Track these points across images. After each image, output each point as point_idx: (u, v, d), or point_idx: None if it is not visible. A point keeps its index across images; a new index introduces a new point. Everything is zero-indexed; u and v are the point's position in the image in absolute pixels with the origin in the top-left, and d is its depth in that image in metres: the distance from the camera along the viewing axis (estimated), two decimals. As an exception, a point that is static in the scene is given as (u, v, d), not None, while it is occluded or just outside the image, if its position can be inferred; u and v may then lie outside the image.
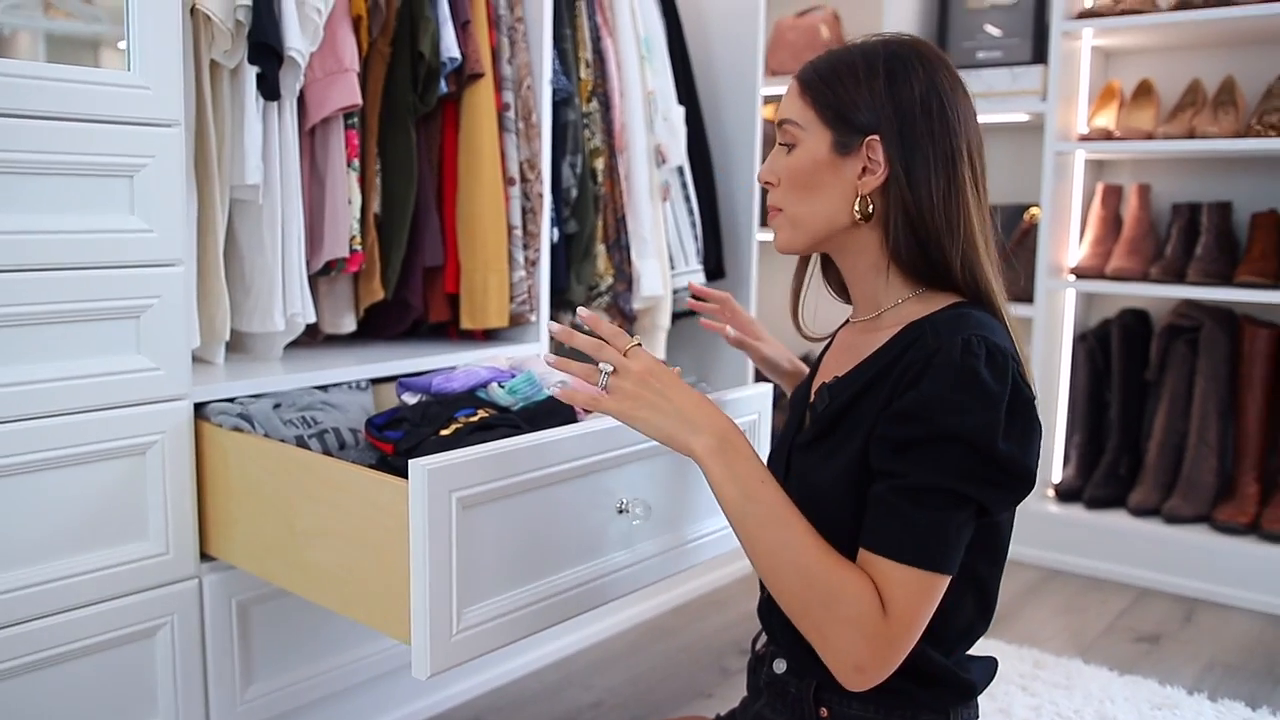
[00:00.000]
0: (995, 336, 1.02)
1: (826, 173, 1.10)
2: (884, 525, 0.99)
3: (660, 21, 2.41)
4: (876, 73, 1.09)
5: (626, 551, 1.39)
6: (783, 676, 1.19)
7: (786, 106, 1.13)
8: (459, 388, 1.53)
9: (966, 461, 0.97)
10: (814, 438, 1.12)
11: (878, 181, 1.08)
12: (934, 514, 0.98)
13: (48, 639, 1.40)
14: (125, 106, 1.41)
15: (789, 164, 1.12)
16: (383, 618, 1.29)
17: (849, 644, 0.97)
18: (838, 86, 1.09)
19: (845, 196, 1.10)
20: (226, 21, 1.57)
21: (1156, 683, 2.14)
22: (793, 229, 1.14)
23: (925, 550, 0.97)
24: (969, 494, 0.98)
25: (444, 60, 1.85)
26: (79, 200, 1.38)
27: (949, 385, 0.98)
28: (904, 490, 0.98)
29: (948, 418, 0.97)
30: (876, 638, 0.97)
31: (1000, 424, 0.97)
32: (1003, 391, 0.98)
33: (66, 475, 1.40)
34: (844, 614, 0.97)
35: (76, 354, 1.40)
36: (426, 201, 1.94)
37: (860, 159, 1.09)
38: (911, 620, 0.98)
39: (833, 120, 1.09)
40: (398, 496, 1.22)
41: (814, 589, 0.98)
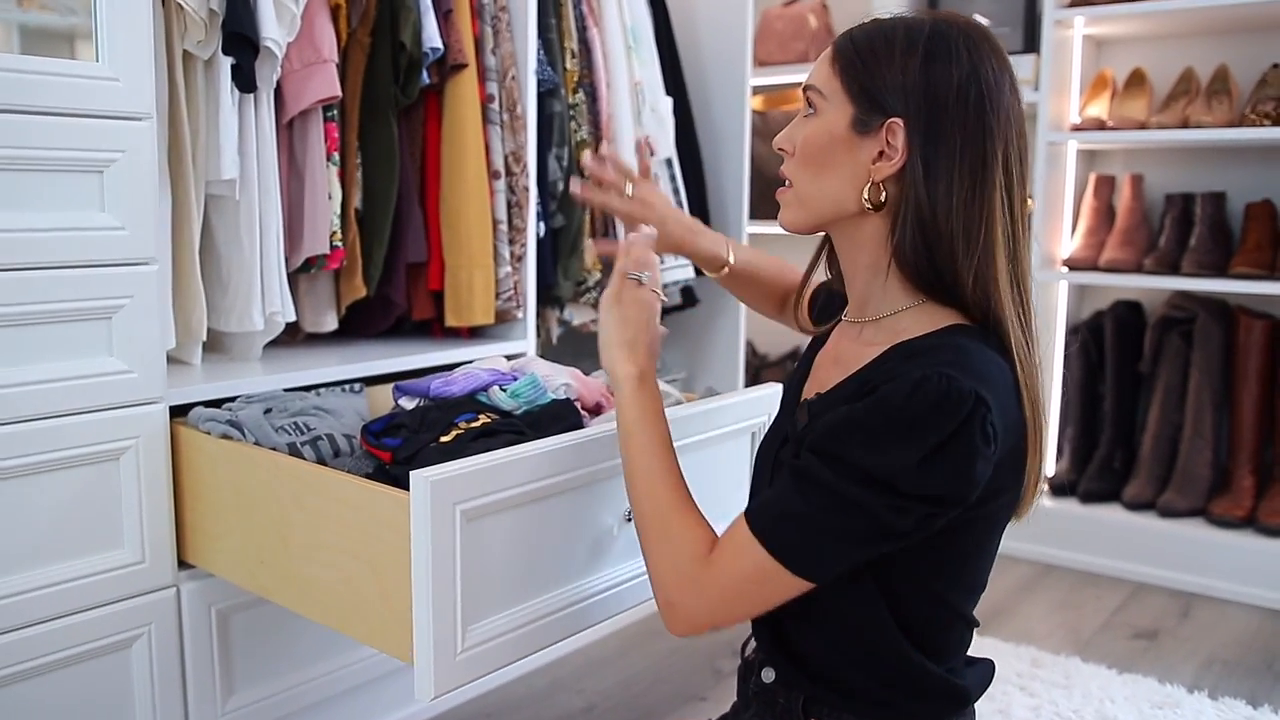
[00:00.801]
0: (966, 377, 0.92)
1: (841, 150, 1.03)
2: (758, 483, 1.10)
3: (647, 11, 2.37)
4: (915, 50, 0.99)
5: (635, 561, 1.34)
6: (771, 686, 1.15)
7: (815, 71, 1.07)
8: (459, 391, 1.48)
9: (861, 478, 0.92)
10: (791, 457, 1.06)
11: (893, 169, 1.00)
12: (805, 502, 0.94)
13: (20, 652, 1.35)
14: (94, 99, 1.36)
15: (807, 135, 1.05)
16: (383, 636, 1.24)
17: (664, 576, 1.03)
18: (870, 59, 1.01)
19: (857, 179, 1.02)
20: (200, 10, 1.52)
21: (1156, 681, 2.11)
22: (799, 206, 1.08)
23: (773, 526, 0.97)
24: (857, 501, 0.92)
25: (426, 50, 1.80)
26: (46, 197, 1.33)
27: (873, 418, 0.93)
28: (794, 469, 0.97)
29: (853, 447, 0.93)
30: (687, 578, 1.01)
31: (909, 467, 0.90)
32: (930, 436, 0.90)
33: (37, 482, 1.35)
34: (669, 548, 1.03)
35: (46, 357, 1.35)
36: (409, 196, 1.89)
37: (879, 141, 1.01)
38: (736, 583, 0.98)
39: (857, 95, 1.01)
40: (398, 509, 1.17)
41: (658, 519, 1.05)
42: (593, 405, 1.56)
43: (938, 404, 0.91)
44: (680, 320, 2.61)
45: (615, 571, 1.32)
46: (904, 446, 0.91)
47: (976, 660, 1.16)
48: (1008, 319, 1.01)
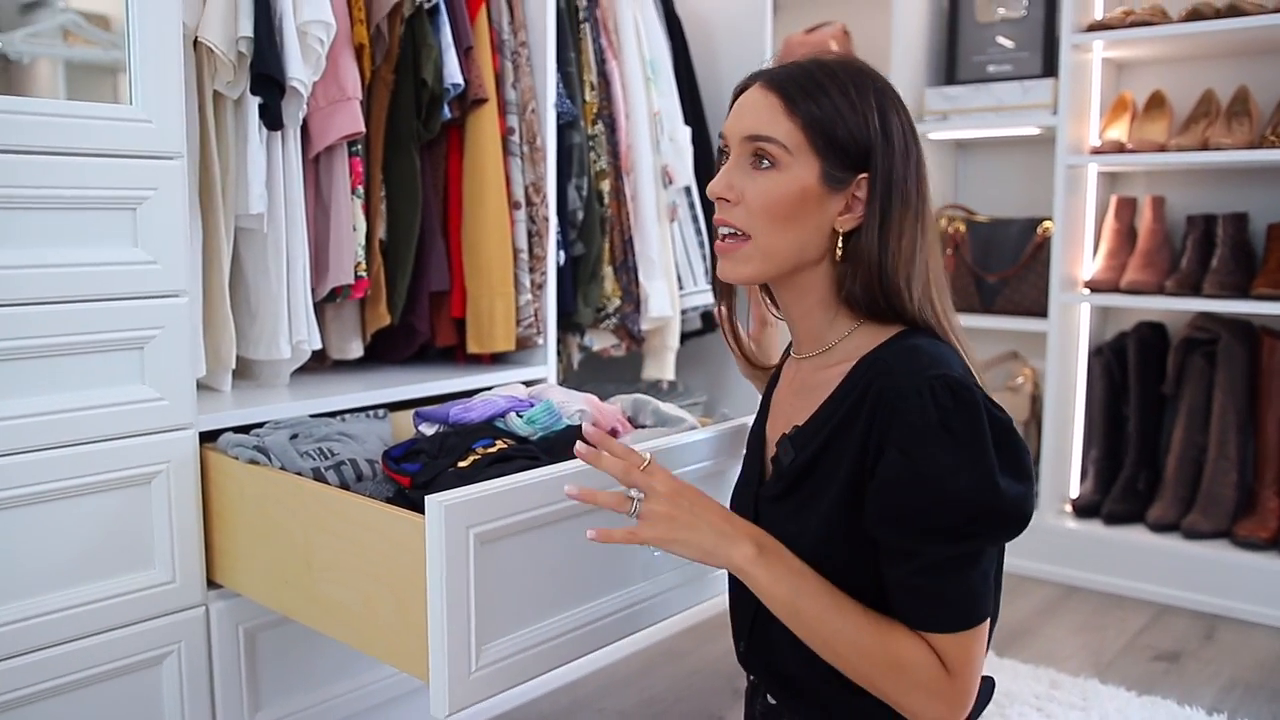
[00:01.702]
0: (952, 369, 1.00)
1: (811, 205, 1.04)
2: (921, 607, 1.00)
3: (666, 43, 2.42)
4: (869, 101, 1.03)
5: (647, 583, 1.39)
6: (776, 708, 1.19)
7: (764, 120, 1.04)
8: (477, 418, 1.53)
9: (973, 519, 0.97)
10: (782, 492, 1.10)
11: (856, 221, 1.04)
12: (960, 580, 0.99)
13: (56, 668, 1.41)
14: (127, 140, 1.43)
15: (769, 188, 1.04)
16: (401, 655, 1.29)
17: (924, 706, 1.00)
18: (831, 110, 1.02)
19: (821, 231, 1.05)
20: (229, 53, 1.59)
21: (1175, 703, 2.11)
22: (763, 260, 1.07)
23: (964, 615, 0.99)
24: (983, 548, 1.00)
25: (447, 86, 1.86)
26: (83, 233, 1.40)
27: (931, 444, 0.96)
28: (925, 570, 0.99)
29: (943, 479, 0.96)
30: (947, 694, 0.99)
31: (994, 468, 0.96)
32: (981, 431, 0.96)
33: (73, 505, 1.42)
34: (912, 681, 0.99)
35: (82, 385, 1.41)
36: (432, 226, 1.95)
37: (846, 196, 1.04)
38: (973, 669, 1.00)
39: (824, 148, 1.03)
40: (414, 532, 1.21)
41: (877, 665, 1.00)
42: (608, 430, 1.61)
43: (956, 403, 0.97)
44: (700, 345, 2.65)
45: (628, 593, 1.36)
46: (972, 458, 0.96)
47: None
48: (943, 320, 1.08)
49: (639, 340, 2.30)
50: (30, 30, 1.46)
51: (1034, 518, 2.63)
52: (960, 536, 0.97)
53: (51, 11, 1.48)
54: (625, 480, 1.07)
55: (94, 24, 1.49)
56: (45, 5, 1.48)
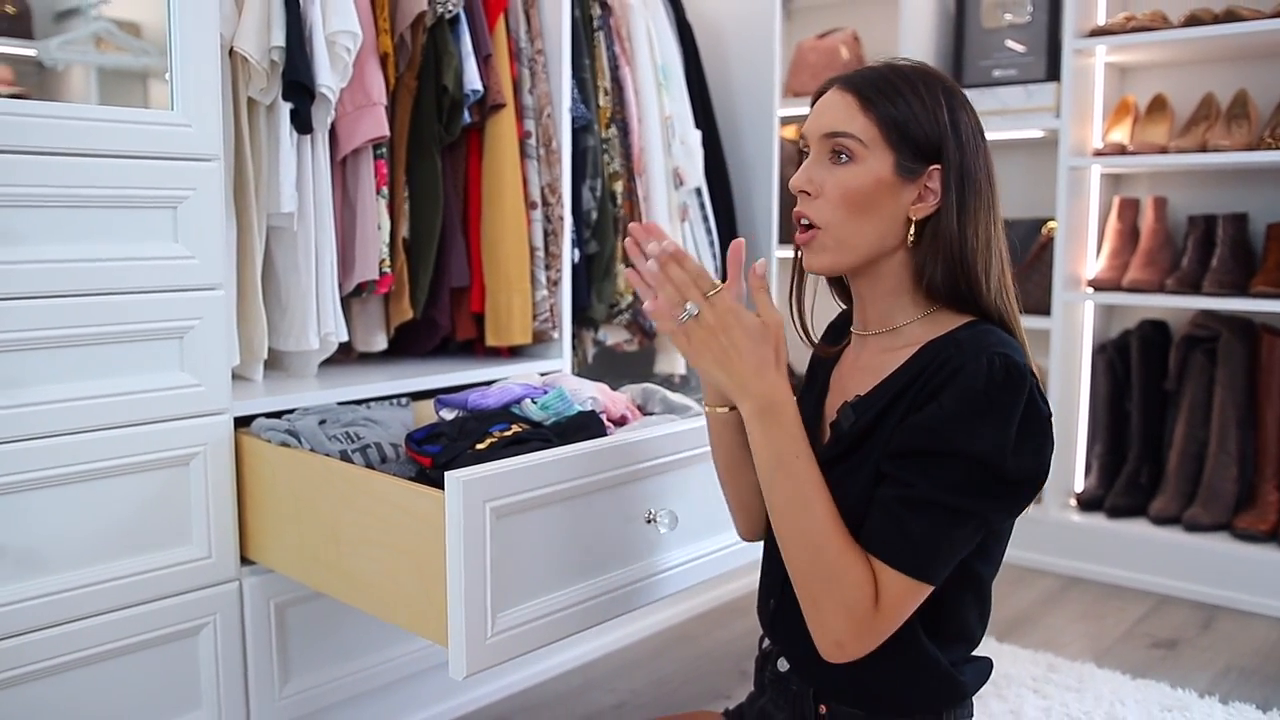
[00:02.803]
0: (1015, 354, 1.06)
1: (886, 195, 1.10)
2: (884, 531, 1.05)
3: (677, 50, 2.51)
4: (939, 99, 1.10)
5: (654, 560, 1.47)
6: (786, 674, 1.25)
7: (841, 118, 1.11)
8: (494, 404, 1.62)
9: (971, 478, 1.02)
10: (838, 455, 1.15)
11: (930, 210, 1.10)
12: (932, 527, 1.03)
13: (100, 636, 1.51)
14: (169, 143, 1.53)
15: (844, 181, 1.10)
16: (422, 622, 1.37)
17: (837, 623, 1.04)
18: (903, 106, 1.09)
19: (897, 220, 1.11)
20: (262, 62, 1.69)
21: (1169, 686, 2.17)
22: (838, 250, 1.12)
23: (917, 561, 1.03)
24: (970, 509, 1.04)
25: (467, 92, 1.96)
26: (126, 230, 1.50)
27: (968, 405, 1.02)
28: (907, 500, 1.04)
29: (960, 437, 1.02)
30: (862, 624, 1.04)
31: (1010, 444, 1.02)
32: (1017, 411, 1.03)
33: (115, 484, 1.52)
34: (840, 596, 1.04)
35: (125, 372, 1.52)
36: (452, 226, 2.04)
37: (919, 185, 1.10)
38: (896, 616, 1.05)
39: (898, 141, 1.09)
40: (434, 507, 1.30)
41: (820, 565, 1.04)
42: (618, 418, 1.70)
43: (1007, 380, 1.03)
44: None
45: (637, 568, 1.45)
46: (998, 425, 1.02)
47: (976, 658, 1.23)
48: (1014, 316, 1.14)
49: (651, 335, 2.39)
50: (65, 38, 1.55)
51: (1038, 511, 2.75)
52: (956, 490, 1.03)
53: (85, 20, 1.56)
54: (684, 293, 1.10)
55: (126, 31, 1.56)
56: (79, 14, 1.56)
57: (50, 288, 1.43)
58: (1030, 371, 1.06)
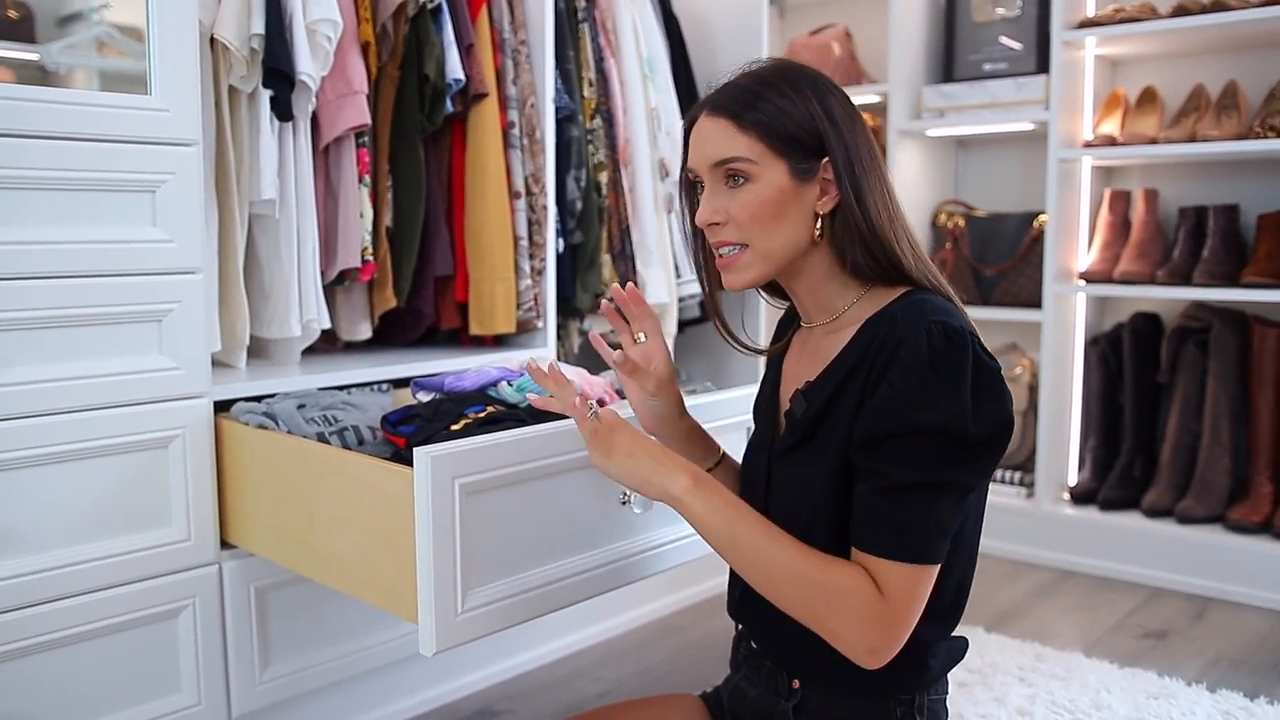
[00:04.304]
0: (952, 319, 1.08)
1: (790, 201, 1.12)
2: (870, 525, 1.05)
3: (663, 42, 2.52)
4: (804, 93, 1.12)
5: (628, 542, 1.47)
6: (759, 651, 1.26)
7: (724, 145, 1.12)
8: (470, 386, 1.63)
9: (941, 450, 1.03)
10: (795, 444, 1.17)
11: (834, 202, 1.13)
12: (915, 509, 1.04)
13: (78, 617, 1.52)
14: (147, 128, 1.54)
15: (749, 200, 1.12)
16: (393, 600, 1.38)
17: (858, 633, 1.03)
18: (776, 113, 1.11)
19: (805, 220, 1.14)
20: (242, 49, 1.70)
21: (1156, 675, 2.17)
22: (763, 264, 1.14)
23: (910, 546, 1.04)
24: (948, 480, 1.04)
25: (449, 82, 1.97)
26: (105, 213, 1.51)
27: (918, 380, 1.04)
28: (885, 490, 1.05)
29: (918, 413, 1.03)
30: (880, 620, 1.03)
31: (968, 408, 1.03)
32: (965, 374, 1.04)
33: (94, 466, 1.53)
34: (846, 607, 1.04)
35: (104, 354, 1.53)
36: (436, 214, 2.05)
37: (817, 181, 1.13)
38: (909, 601, 1.05)
39: (784, 148, 1.11)
40: (404, 484, 1.30)
41: (813, 591, 1.05)
42: (596, 400, 1.70)
43: (948, 346, 1.05)
44: (701, 333, 2.74)
45: (610, 549, 1.45)
46: (951, 393, 1.03)
47: (952, 637, 1.23)
48: (939, 277, 1.16)
49: (637, 326, 2.39)
50: (67, 42, 1.57)
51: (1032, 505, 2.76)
52: (926, 466, 1.03)
53: (87, 24, 1.58)
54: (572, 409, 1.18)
55: (127, 36, 1.58)
56: (81, 18, 1.58)
57: (28, 269, 1.44)
58: (969, 331, 1.07)
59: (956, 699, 2.02)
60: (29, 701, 1.49)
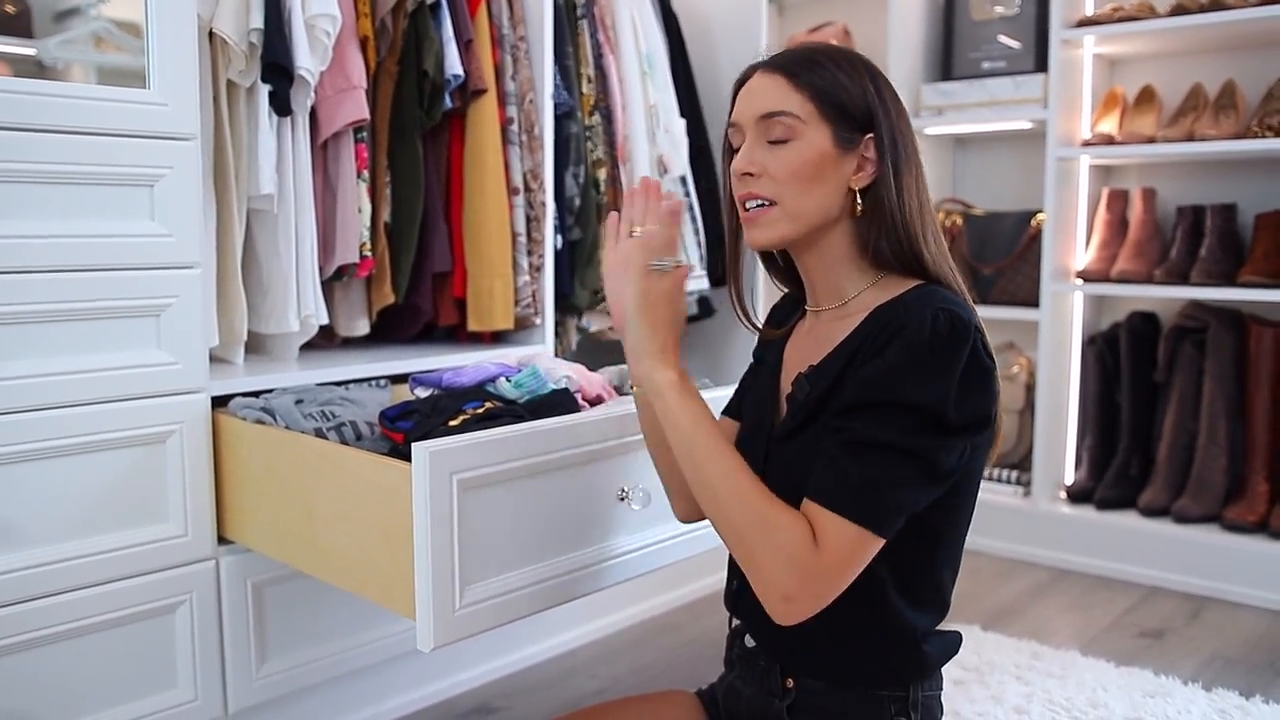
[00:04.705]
0: (961, 310, 1.08)
1: (829, 166, 1.13)
2: (826, 475, 1.04)
3: (662, 39, 2.52)
4: (861, 72, 1.14)
5: (627, 538, 1.47)
6: (753, 650, 1.26)
7: (775, 98, 1.13)
8: (468, 382, 1.63)
9: (916, 425, 1.03)
10: (796, 427, 1.16)
11: (870, 179, 1.14)
12: (875, 471, 1.02)
13: (74, 612, 1.52)
14: (146, 122, 1.54)
15: (789, 158, 1.12)
16: (391, 595, 1.37)
17: (779, 572, 1.01)
18: (833, 80, 1.13)
19: (840, 190, 1.14)
20: (241, 44, 1.70)
21: (1152, 673, 2.17)
22: (790, 221, 1.14)
23: (859, 506, 1.01)
24: (915, 451, 1.02)
25: (448, 77, 1.97)
26: (103, 207, 1.51)
27: (911, 357, 1.04)
28: (849, 444, 1.04)
29: (901, 387, 1.03)
30: (807, 569, 1.00)
31: (952, 394, 1.03)
32: (958, 363, 1.04)
33: (91, 460, 1.52)
34: (776, 541, 1.01)
35: (102, 348, 1.52)
36: (434, 210, 2.05)
37: (856, 155, 1.13)
38: (843, 562, 1.02)
39: (833, 114, 1.12)
40: (403, 479, 1.30)
41: (750, 515, 1.03)
42: (593, 397, 1.70)
43: (951, 333, 1.05)
44: (699, 330, 2.74)
45: (608, 546, 1.44)
46: (940, 376, 1.03)
47: (945, 631, 1.23)
48: (954, 277, 1.17)
49: (635, 323, 2.39)
50: (64, 37, 1.56)
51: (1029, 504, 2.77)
52: (892, 428, 1.02)
53: (84, 19, 1.57)
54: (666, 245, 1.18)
55: (125, 31, 1.58)
56: (79, 13, 1.58)
57: (26, 263, 1.43)
58: (975, 326, 1.07)
59: (953, 696, 2.02)
60: (26, 696, 1.48)
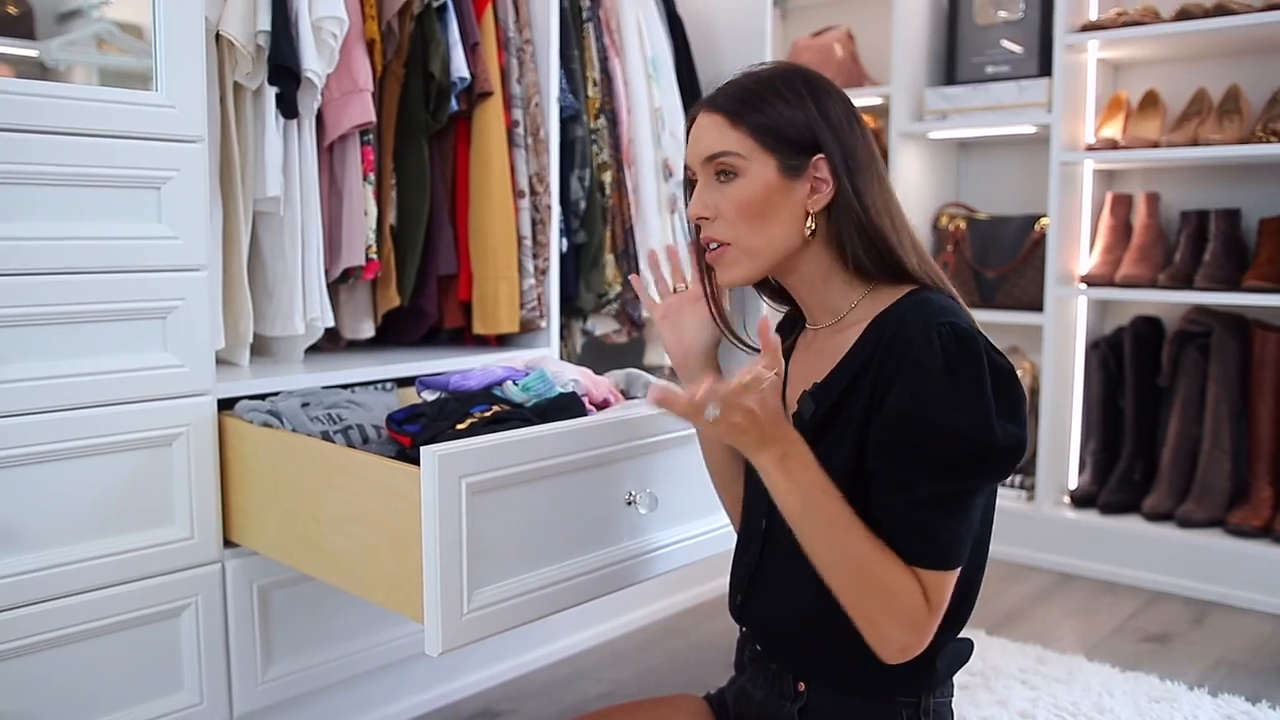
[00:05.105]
0: (959, 319, 1.08)
1: (778, 197, 1.13)
2: (910, 541, 1.06)
3: (667, 42, 2.51)
4: (800, 93, 1.13)
5: (634, 542, 1.47)
6: (764, 655, 1.26)
7: (715, 140, 1.14)
8: (475, 385, 1.62)
9: (963, 456, 1.04)
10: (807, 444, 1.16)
11: (827, 199, 1.14)
12: (948, 519, 1.06)
13: (80, 615, 1.51)
14: (153, 124, 1.53)
15: (735, 196, 1.13)
16: (399, 599, 1.37)
17: (899, 633, 1.06)
18: (770, 111, 1.13)
19: (796, 218, 1.14)
20: (248, 46, 1.70)
21: (1158, 678, 2.16)
22: (750, 261, 1.15)
23: (947, 554, 1.07)
24: (972, 488, 1.07)
25: (454, 80, 1.97)
26: (110, 209, 1.50)
27: (935, 383, 1.04)
28: (915, 504, 1.06)
29: (943, 416, 1.03)
30: (922, 627, 1.06)
31: (992, 411, 1.04)
32: (984, 375, 1.05)
33: (97, 463, 1.52)
34: (897, 607, 1.06)
35: (107, 351, 1.52)
36: (440, 213, 2.05)
37: (808, 179, 1.13)
38: (942, 605, 1.08)
39: (774, 145, 1.13)
40: (411, 482, 1.30)
41: (870, 585, 1.06)
42: (600, 401, 1.70)
43: (960, 348, 1.05)
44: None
45: (615, 550, 1.44)
46: (971, 396, 1.04)
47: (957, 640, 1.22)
48: (942, 275, 1.17)
49: (640, 326, 2.39)
50: (66, 39, 1.56)
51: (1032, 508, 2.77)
52: (956, 475, 1.05)
53: (87, 21, 1.57)
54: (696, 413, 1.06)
55: (127, 33, 1.57)
56: (81, 15, 1.57)
57: (32, 265, 1.43)
58: (977, 331, 1.08)
59: (959, 702, 2.01)
60: (31, 700, 1.48)
